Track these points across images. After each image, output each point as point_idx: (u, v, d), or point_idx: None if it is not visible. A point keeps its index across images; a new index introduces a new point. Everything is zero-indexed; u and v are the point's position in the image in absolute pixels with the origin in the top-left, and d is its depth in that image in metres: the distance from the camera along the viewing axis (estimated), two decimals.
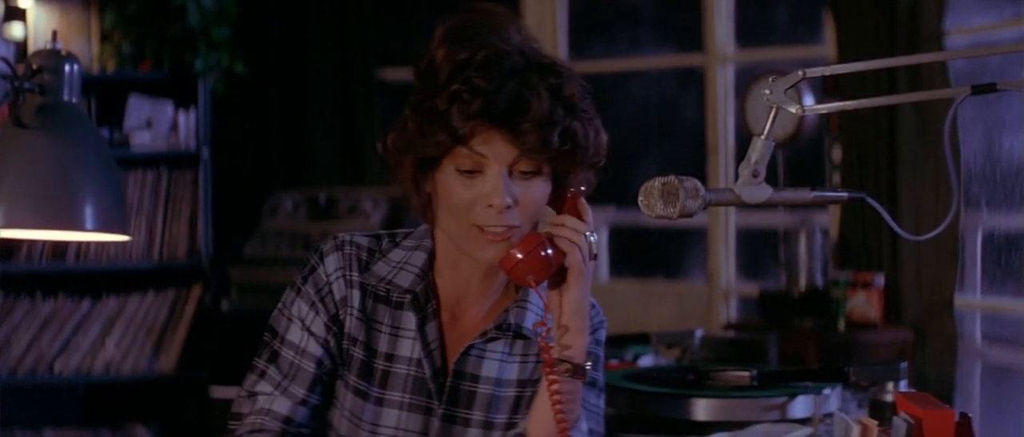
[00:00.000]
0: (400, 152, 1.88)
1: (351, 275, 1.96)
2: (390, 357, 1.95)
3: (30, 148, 1.80)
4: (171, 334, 5.14)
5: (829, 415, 2.53)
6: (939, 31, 4.52)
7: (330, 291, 1.95)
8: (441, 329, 1.96)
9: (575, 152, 1.86)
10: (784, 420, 2.53)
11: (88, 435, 5.19)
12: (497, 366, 1.95)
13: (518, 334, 1.95)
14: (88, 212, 1.82)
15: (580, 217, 1.90)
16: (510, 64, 1.82)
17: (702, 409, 2.52)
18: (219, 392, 4.90)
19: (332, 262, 1.96)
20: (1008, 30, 4.58)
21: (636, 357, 3.15)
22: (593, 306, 2.01)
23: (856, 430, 1.86)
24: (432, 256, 1.97)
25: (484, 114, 1.79)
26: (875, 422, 1.86)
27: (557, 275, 1.87)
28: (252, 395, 1.96)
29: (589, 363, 1.88)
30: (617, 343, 3.28)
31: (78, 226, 1.82)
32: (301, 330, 1.95)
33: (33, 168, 1.80)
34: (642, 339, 3.27)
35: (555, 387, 1.84)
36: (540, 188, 1.87)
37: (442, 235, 1.95)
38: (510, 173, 1.83)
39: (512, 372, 1.96)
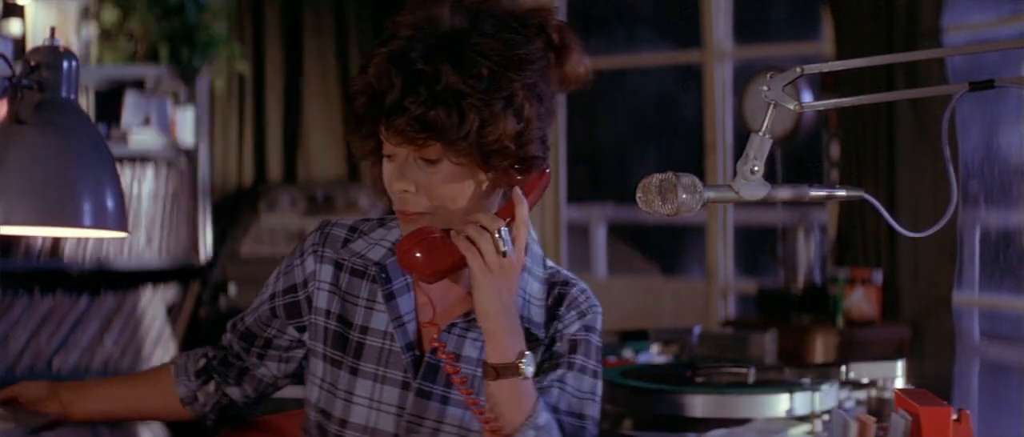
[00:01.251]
0: (351, 133, 1.94)
1: (323, 251, 2.02)
2: (364, 329, 1.97)
3: (28, 145, 1.80)
4: (169, 331, 5.14)
5: (827, 412, 2.53)
6: (937, 28, 4.52)
7: (300, 264, 2.03)
8: (417, 305, 1.98)
9: (446, 136, 1.80)
10: (782, 417, 2.53)
11: (87, 432, 5.19)
12: (479, 348, 1.94)
13: None
14: (86, 209, 1.82)
15: (510, 215, 1.85)
16: (402, 60, 1.83)
17: (700, 406, 2.52)
18: None
19: (309, 240, 2.04)
20: (1006, 26, 4.58)
21: (635, 354, 3.15)
22: (584, 292, 2.00)
23: (854, 427, 1.86)
24: None
25: (368, 107, 1.83)
26: (873, 419, 1.86)
27: (463, 272, 1.88)
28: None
29: (523, 357, 1.84)
30: (616, 340, 3.28)
31: (76, 223, 1.82)
32: (259, 295, 2.09)
33: (31, 165, 1.79)
34: (640, 336, 3.28)
35: (469, 400, 1.87)
36: (443, 175, 1.84)
37: None
38: (415, 158, 1.85)
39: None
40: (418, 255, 1.83)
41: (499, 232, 1.82)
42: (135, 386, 2.23)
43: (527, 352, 1.85)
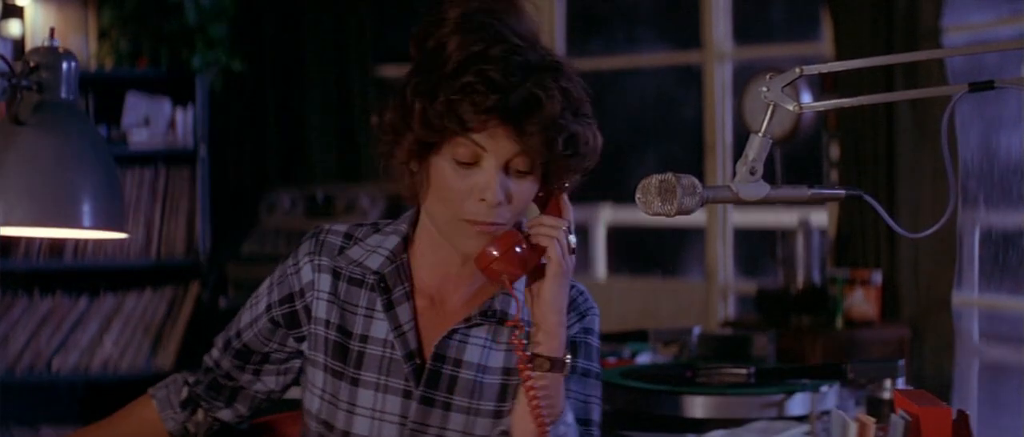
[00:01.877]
0: (397, 132, 1.87)
1: (320, 260, 1.99)
2: (364, 338, 1.95)
3: (27, 146, 1.80)
4: (169, 332, 5.14)
5: (826, 412, 2.53)
6: (937, 28, 4.52)
7: (297, 273, 2.00)
8: (416, 312, 1.96)
9: (574, 158, 1.86)
10: (781, 417, 2.53)
11: None
12: (480, 352, 1.94)
13: (503, 321, 1.94)
14: (86, 209, 1.81)
15: (560, 215, 1.89)
16: (524, 61, 1.81)
17: (700, 406, 2.52)
18: None
19: (304, 248, 2.01)
20: (1006, 27, 4.58)
21: (634, 354, 3.15)
22: (582, 293, 2.02)
23: (853, 428, 1.86)
24: (407, 240, 1.98)
25: (496, 110, 1.78)
26: (872, 420, 1.86)
27: (534, 273, 1.87)
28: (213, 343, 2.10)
29: (568, 356, 1.87)
30: (615, 340, 3.28)
31: (76, 223, 1.82)
32: (250, 309, 2.04)
33: (31, 166, 1.79)
34: (640, 336, 3.28)
35: (529, 384, 1.84)
36: (530, 187, 1.86)
37: (426, 219, 1.96)
38: (505, 170, 1.83)
39: (497, 359, 1.95)
40: (508, 262, 1.84)
41: (570, 234, 1.88)
42: (120, 428, 2.23)
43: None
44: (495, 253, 1.83)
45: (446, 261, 1.96)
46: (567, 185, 1.92)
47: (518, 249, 1.83)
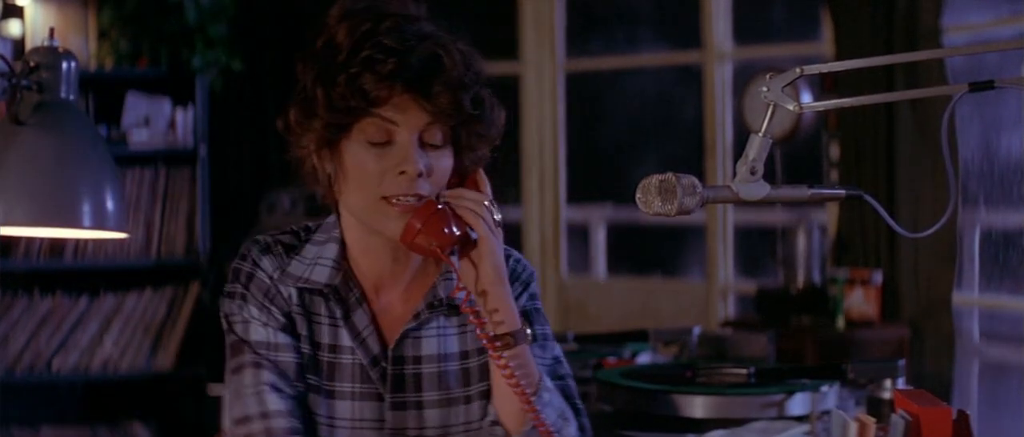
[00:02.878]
0: (303, 126, 1.86)
1: (284, 275, 1.94)
2: (333, 348, 1.93)
3: (27, 146, 1.80)
4: (169, 332, 5.14)
5: (827, 412, 2.53)
6: (937, 28, 4.52)
7: (278, 291, 1.93)
8: (373, 315, 1.94)
9: (482, 121, 1.86)
10: (781, 417, 2.53)
11: (86, 433, 5.19)
12: (436, 343, 1.94)
13: (452, 306, 1.94)
14: (86, 209, 1.81)
15: (479, 190, 1.90)
16: (419, 28, 1.82)
17: (700, 406, 2.52)
18: (217, 389, 4.90)
19: (269, 264, 1.94)
20: (1006, 27, 4.58)
21: (634, 354, 3.15)
22: (518, 261, 2.02)
23: (854, 427, 1.86)
24: (343, 245, 1.95)
25: (398, 75, 1.78)
26: (873, 419, 1.86)
27: (465, 247, 1.86)
28: (244, 419, 1.88)
29: (526, 326, 1.89)
30: (615, 340, 3.28)
31: (76, 223, 1.81)
32: (262, 327, 1.92)
33: (31, 166, 1.79)
34: (640, 336, 3.27)
35: (502, 363, 1.84)
36: (447, 161, 1.86)
37: (349, 220, 1.93)
38: (420, 144, 1.83)
39: (453, 344, 1.95)
40: (434, 230, 1.82)
41: (491, 203, 1.88)
42: None
43: None
44: (418, 225, 1.82)
45: (380, 262, 1.94)
46: (479, 160, 1.91)
47: (442, 222, 1.82)
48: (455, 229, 1.83)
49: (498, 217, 1.88)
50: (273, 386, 1.89)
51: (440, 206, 1.84)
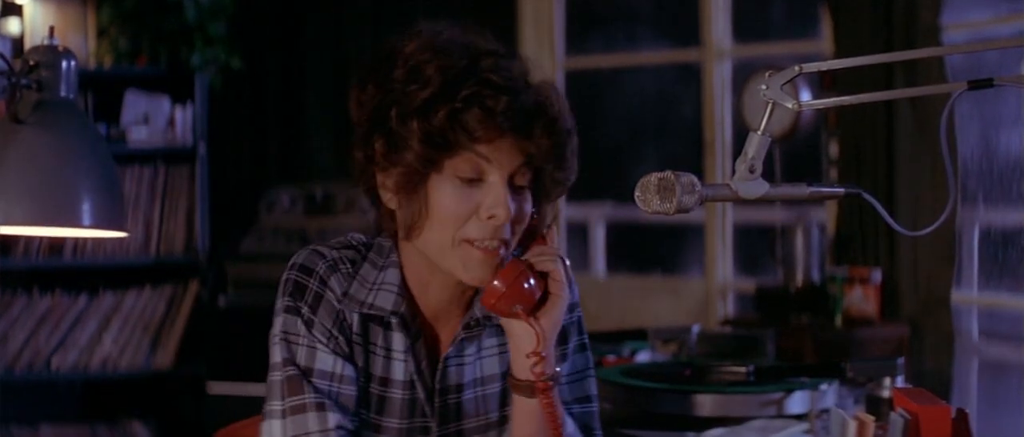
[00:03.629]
0: (391, 159, 1.78)
1: (346, 298, 1.86)
2: (384, 381, 1.88)
3: (27, 144, 1.80)
4: (168, 330, 5.14)
5: (826, 411, 2.53)
6: (936, 26, 4.52)
7: (344, 317, 1.86)
8: (429, 347, 1.90)
9: (565, 168, 1.83)
10: (781, 416, 2.53)
11: (85, 431, 5.19)
12: (476, 367, 1.91)
13: (493, 325, 1.89)
14: (85, 208, 1.81)
15: (551, 242, 1.86)
16: (518, 68, 1.79)
17: (699, 405, 2.52)
18: (216, 388, 4.90)
19: (337, 285, 1.86)
20: (1005, 25, 4.58)
21: (633, 353, 3.15)
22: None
23: (853, 426, 1.86)
24: (401, 271, 1.88)
25: (506, 116, 1.73)
26: (872, 418, 1.86)
27: (540, 304, 1.83)
28: None
29: (561, 365, 1.89)
30: (614, 339, 3.28)
31: (75, 222, 1.81)
32: (330, 356, 1.84)
33: (30, 164, 1.79)
34: (639, 335, 3.28)
35: (549, 401, 1.82)
36: (529, 204, 1.82)
37: (412, 254, 1.86)
38: (509, 182, 1.78)
39: (494, 366, 1.92)
40: (517, 293, 1.79)
41: (565, 260, 1.86)
42: None
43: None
44: (503, 288, 1.78)
45: (436, 301, 1.89)
46: (549, 211, 1.87)
47: (526, 284, 1.80)
48: (535, 290, 1.81)
49: (570, 273, 1.87)
50: (339, 427, 1.81)
51: (523, 269, 1.80)
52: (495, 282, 1.79)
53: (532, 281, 1.80)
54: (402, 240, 1.86)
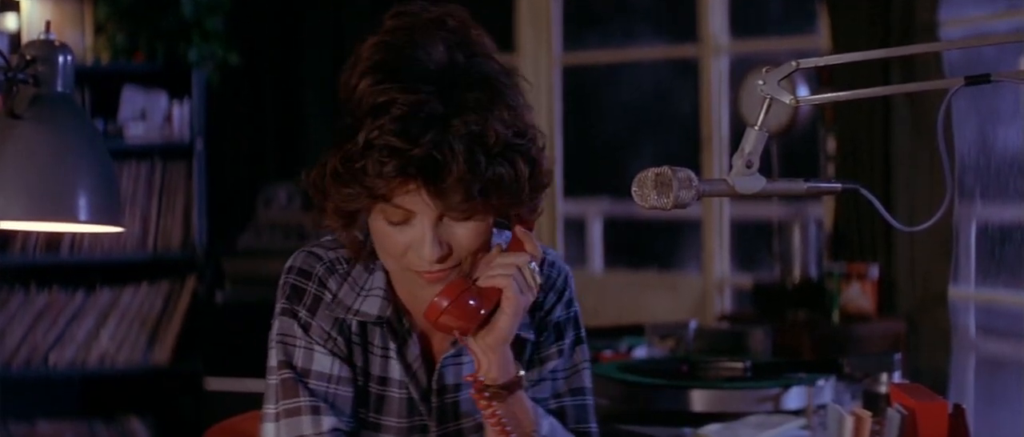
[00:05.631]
0: (320, 200, 1.77)
1: (336, 300, 1.87)
2: (383, 380, 1.88)
3: (23, 140, 1.80)
4: (165, 326, 5.14)
5: (823, 406, 2.54)
6: (933, 22, 4.52)
7: (343, 318, 1.86)
8: (422, 347, 1.89)
9: (504, 195, 1.73)
10: (778, 411, 2.53)
11: (83, 427, 5.19)
12: (472, 366, 1.87)
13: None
14: (82, 203, 1.81)
15: (522, 249, 1.79)
16: (427, 112, 1.67)
17: (696, 400, 2.53)
18: (213, 384, 4.90)
19: (335, 286, 1.87)
20: (1002, 21, 4.58)
21: (630, 348, 3.15)
22: (553, 264, 1.96)
23: (850, 421, 1.86)
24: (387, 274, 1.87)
25: (401, 172, 1.67)
26: (869, 413, 1.86)
27: (493, 314, 1.77)
28: None
29: (521, 370, 1.82)
30: (611, 334, 3.28)
31: (72, 217, 1.81)
32: (327, 357, 1.85)
33: (27, 160, 1.79)
34: (636, 330, 3.28)
35: (490, 412, 1.78)
36: (475, 229, 1.75)
37: None
38: (441, 219, 1.73)
39: None
40: (459, 313, 1.74)
41: (531, 268, 1.78)
42: None
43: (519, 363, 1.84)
44: (444, 304, 1.74)
45: (421, 295, 1.84)
46: (529, 216, 1.81)
47: (471, 302, 1.75)
48: (482, 307, 1.76)
49: (538, 278, 1.79)
50: (334, 430, 1.82)
51: (468, 286, 1.75)
52: (436, 298, 1.75)
53: (474, 299, 1.75)
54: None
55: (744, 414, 2.51)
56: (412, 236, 1.74)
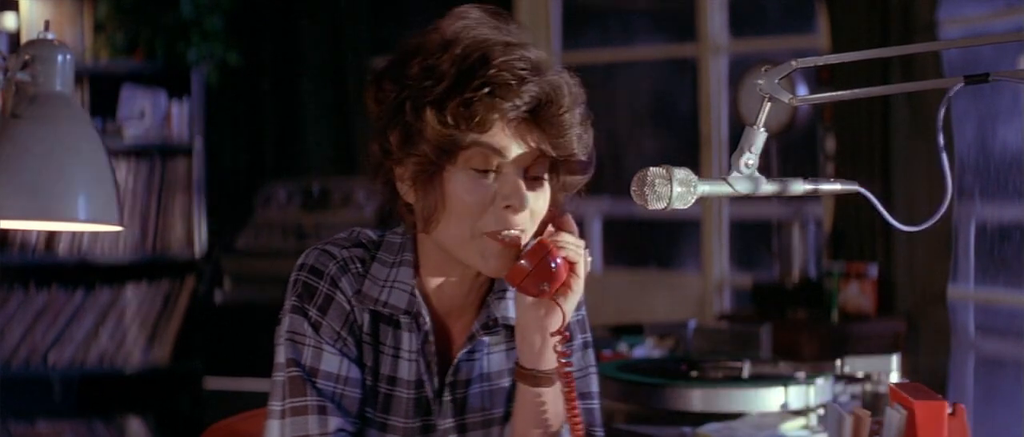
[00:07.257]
0: (406, 151, 1.77)
1: (359, 296, 1.85)
2: (392, 380, 1.87)
3: (23, 139, 1.80)
4: (165, 325, 5.14)
5: (822, 406, 2.54)
6: (932, 21, 4.52)
7: (355, 318, 1.85)
8: (440, 344, 1.88)
9: (572, 168, 1.82)
10: (777, 411, 2.53)
11: (82, 427, 5.19)
12: (484, 363, 1.90)
13: (508, 327, 1.89)
14: (81, 203, 1.81)
15: (570, 232, 1.83)
16: (533, 57, 1.77)
17: (695, 400, 2.53)
18: (213, 383, 4.90)
19: (347, 286, 1.85)
20: (1001, 20, 4.58)
21: (630, 348, 3.15)
22: None
23: (849, 421, 1.86)
24: (415, 269, 1.87)
25: (519, 104, 1.73)
26: (868, 413, 1.86)
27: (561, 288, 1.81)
28: None
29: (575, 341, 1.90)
30: (611, 334, 3.28)
31: (71, 216, 1.81)
32: (336, 358, 1.84)
33: (26, 159, 1.79)
34: (636, 330, 3.28)
35: (570, 368, 1.80)
36: (545, 197, 1.81)
37: (430, 249, 1.85)
38: (523, 176, 1.78)
39: (500, 362, 1.91)
40: (544, 273, 1.78)
41: (586, 247, 1.84)
42: None
43: None
44: (529, 268, 1.77)
45: (454, 287, 1.87)
46: (565, 202, 1.87)
47: (553, 264, 1.78)
48: (561, 271, 1.79)
49: (590, 259, 1.85)
50: (340, 430, 1.82)
51: (549, 249, 1.78)
52: (521, 261, 1.77)
53: (558, 261, 1.79)
54: (420, 233, 1.85)
55: (743, 414, 2.51)
56: (498, 188, 1.76)
